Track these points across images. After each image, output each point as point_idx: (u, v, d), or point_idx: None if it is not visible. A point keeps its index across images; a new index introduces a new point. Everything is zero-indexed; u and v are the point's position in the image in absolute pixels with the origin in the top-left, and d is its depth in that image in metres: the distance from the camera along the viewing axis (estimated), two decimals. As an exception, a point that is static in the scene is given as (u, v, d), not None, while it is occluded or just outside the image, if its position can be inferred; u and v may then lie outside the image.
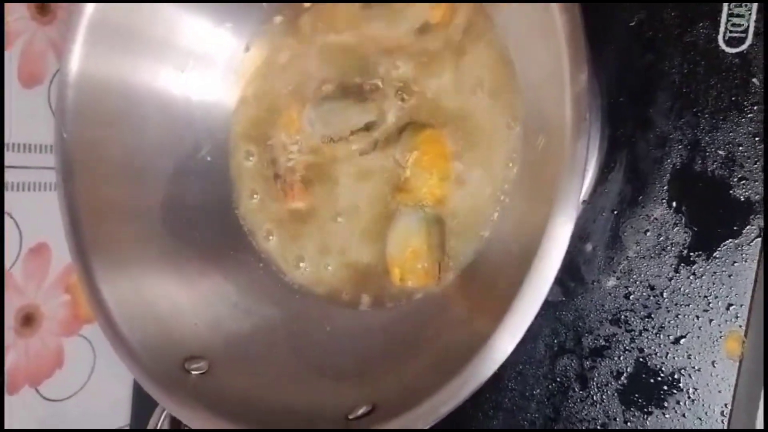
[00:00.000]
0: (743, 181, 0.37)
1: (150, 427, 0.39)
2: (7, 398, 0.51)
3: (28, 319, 0.53)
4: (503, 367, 0.30)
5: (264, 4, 0.44)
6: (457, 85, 0.39)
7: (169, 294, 0.42)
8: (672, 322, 0.39)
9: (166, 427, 0.39)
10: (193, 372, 0.39)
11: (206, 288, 0.43)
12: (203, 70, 0.45)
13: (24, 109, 0.50)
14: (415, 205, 0.39)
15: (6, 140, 0.49)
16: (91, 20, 0.39)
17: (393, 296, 0.40)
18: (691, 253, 0.38)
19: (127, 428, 0.60)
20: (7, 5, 0.48)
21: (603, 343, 0.40)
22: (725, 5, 0.37)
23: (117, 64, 0.41)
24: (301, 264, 0.44)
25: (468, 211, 0.38)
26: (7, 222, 0.50)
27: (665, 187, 0.39)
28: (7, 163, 0.50)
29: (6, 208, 0.50)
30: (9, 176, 0.50)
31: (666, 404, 0.39)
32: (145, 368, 0.39)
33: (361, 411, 0.33)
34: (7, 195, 0.50)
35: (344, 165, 0.42)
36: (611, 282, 0.40)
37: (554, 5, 0.27)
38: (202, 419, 0.37)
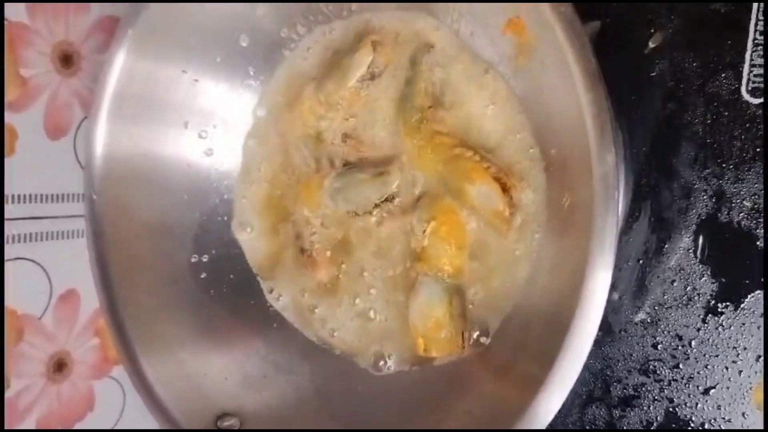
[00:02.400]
0: (770, 232, 0.37)
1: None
2: (40, 443, 0.52)
3: (60, 366, 0.54)
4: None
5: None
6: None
7: (199, 350, 0.42)
8: (701, 372, 0.39)
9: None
10: (225, 429, 0.40)
11: (235, 343, 0.44)
12: (224, 131, 0.46)
13: (52, 160, 0.51)
14: (434, 274, 0.39)
15: (34, 191, 0.50)
16: (115, 92, 0.40)
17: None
18: (719, 304, 0.38)
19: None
20: (31, 60, 0.49)
21: (632, 392, 0.40)
22: (747, 54, 0.37)
23: (141, 130, 0.42)
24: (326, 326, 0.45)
25: (492, 280, 0.39)
26: (37, 271, 0.51)
27: (691, 237, 0.39)
28: (35, 214, 0.50)
29: (35, 258, 0.51)
30: (37, 226, 0.51)
31: (697, 455, 0.39)
32: (178, 426, 0.39)
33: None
34: (36, 245, 0.51)
35: (365, 234, 0.43)
36: (639, 331, 0.40)
37: (580, 85, 0.27)
38: (236, 478, 0.37)
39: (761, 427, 0.37)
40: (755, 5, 0.36)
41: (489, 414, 0.34)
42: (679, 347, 0.39)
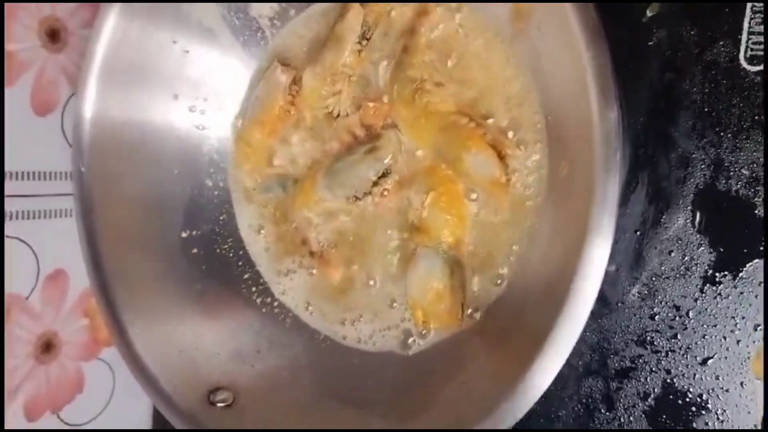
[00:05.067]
0: (768, 201, 0.37)
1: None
2: (28, 425, 0.51)
3: (48, 346, 0.53)
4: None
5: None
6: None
7: (191, 324, 0.42)
8: (699, 342, 0.38)
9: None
10: (218, 404, 0.39)
11: (228, 318, 0.43)
12: (215, 102, 0.45)
13: (38, 138, 0.50)
14: (434, 246, 0.39)
15: (21, 169, 0.49)
16: (104, 58, 0.39)
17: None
18: (717, 274, 0.38)
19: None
20: (17, 34, 0.48)
21: (629, 364, 0.40)
22: (745, 22, 0.37)
23: (131, 99, 0.41)
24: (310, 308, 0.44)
25: (488, 249, 0.38)
26: (24, 250, 0.50)
27: (689, 207, 0.39)
28: (21, 191, 0.49)
29: (22, 237, 0.50)
30: (24, 205, 0.50)
31: (694, 425, 0.39)
32: (170, 401, 0.39)
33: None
34: (23, 223, 0.50)
35: (364, 216, 0.42)
36: (636, 303, 0.40)
37: (580, 40, 0.27)
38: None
39: (760, 394, 0.37)
40: (753, -27, 0.36)
41: (483, 386, 0.33)
42: (677, 318, 0.39)
